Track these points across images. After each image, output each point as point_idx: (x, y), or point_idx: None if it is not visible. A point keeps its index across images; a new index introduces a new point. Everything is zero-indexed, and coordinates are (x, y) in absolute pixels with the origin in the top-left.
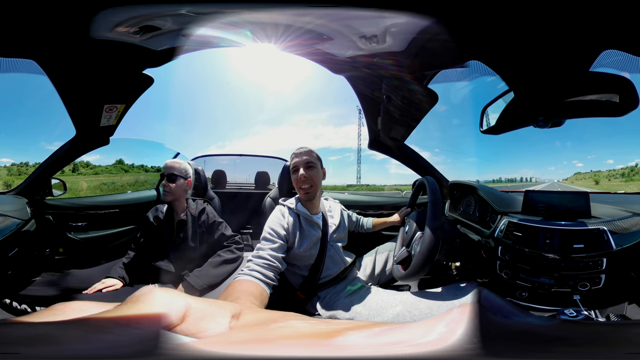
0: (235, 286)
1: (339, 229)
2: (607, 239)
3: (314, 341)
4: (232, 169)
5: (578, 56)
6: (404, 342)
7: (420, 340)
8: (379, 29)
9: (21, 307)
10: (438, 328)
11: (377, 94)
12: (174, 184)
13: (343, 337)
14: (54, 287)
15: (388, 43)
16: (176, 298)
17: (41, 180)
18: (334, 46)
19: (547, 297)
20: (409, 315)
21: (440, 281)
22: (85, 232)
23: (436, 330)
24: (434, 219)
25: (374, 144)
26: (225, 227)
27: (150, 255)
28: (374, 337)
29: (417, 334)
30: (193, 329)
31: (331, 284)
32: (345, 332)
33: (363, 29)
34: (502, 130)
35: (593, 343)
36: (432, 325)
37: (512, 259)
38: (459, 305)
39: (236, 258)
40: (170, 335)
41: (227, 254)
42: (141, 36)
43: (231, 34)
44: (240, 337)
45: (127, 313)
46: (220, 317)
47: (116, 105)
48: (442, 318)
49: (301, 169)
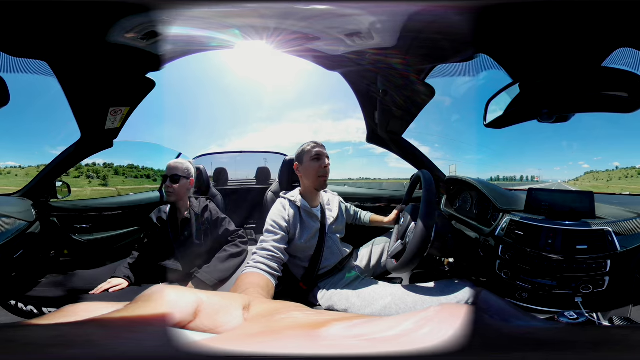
0: (243, 279)
1: (337, 221)
2: (611, 240)
3: (304, 332)
4: (233, 166)
5: (590, 52)
6: (370, 334)
7: (383, 335)
8: (362, 26)
9: (27, 308)
10: (405, 324)
11: (373, 88)
12: (177, 185)
13: (326, 329)
14: (60, 288)
15: (376, 39)
16: (186, 294)
17: (46, 182)
18: (324, 45)
19: (547, 299)
20: (396, 308)
21: (432, 276)
22: (90, 234)
23: (403, 326)
24: (427, 211)
25: (372, 138)
26: (228, 222)
27: (155, 255)
28: (350, 329)
29: (384, 328)
30: (209, 323)
31: (330, 275)
32: (331, 323)
33: (347, 27)
34: (506, 124)
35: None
36: (401, 321)
37: (512, 258)
38: (438, 304)
39: (242, 252)
40: (183, 333)
41: (232, 248)
42: (147, 41)
43: (221, 34)
44: (253, 329)
45: (139, 312)
46: (234, 309)
47: (121, 108)
48: (417, 314)
49: (326, 159)
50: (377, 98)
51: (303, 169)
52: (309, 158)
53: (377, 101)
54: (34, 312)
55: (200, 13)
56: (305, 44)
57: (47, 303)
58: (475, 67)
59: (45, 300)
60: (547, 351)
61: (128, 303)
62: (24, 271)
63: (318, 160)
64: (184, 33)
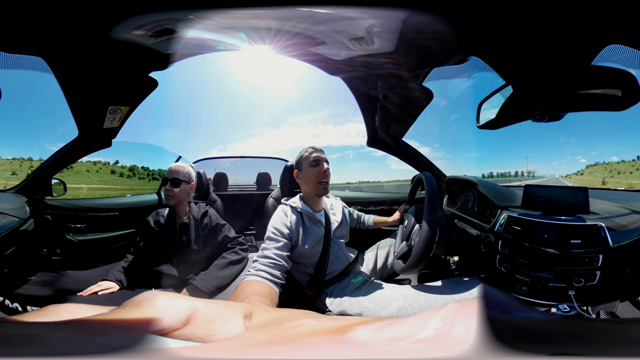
0: (243, 287)
1: (341, 225)
2: (604, 235)
3: (330, 338)
4: (233, 171)
5: (580, 50)
6: (404, 337)
7: (418, 336)
8: (363, 30)
9: (13, 305)
10: (432, 323)
11: (374, 92)
12: (177, 189)
13: (353, 333)
14: (49, 287)
15: (377, 44)
16: (178, 301)
17: (41, 179)
18: (327, 49)
19: (545, 292)
20: (410, 308)
21: (439, 275)
22: (84, 234)
23: (431, 326)
24: (431, 212)
25: (372, 142)
26: (228, 228)
27: (151, 260)
28: (377, 332)
29: (413, 329)
30: (200, 332)
31: (337, 280)
32: (354, 327)
33: (351, 31)
34: (499, 125)
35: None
36: (426, 320)
37: (511, 253)
38: (453, 301)
39: (241, 259)
40: (158, 339)
41: (232, 256)
42: (156, 39)
43: (227, 37)
44: (259, 337)
45: (123, 316)
46: (233, 318)
47: (120, 107)
48: (436, 313)
49: (325, 164)
50: (377, 102)
51: (302, 176)
52: (308, 164)
53: (377, 105)
54: (19, 310)
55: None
56: (310, 48)
57: (34, 301)
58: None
59: (32, 299)
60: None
61: (114, 307)
62: (15, 268)
63: (317, 165)
64: (194, 35)
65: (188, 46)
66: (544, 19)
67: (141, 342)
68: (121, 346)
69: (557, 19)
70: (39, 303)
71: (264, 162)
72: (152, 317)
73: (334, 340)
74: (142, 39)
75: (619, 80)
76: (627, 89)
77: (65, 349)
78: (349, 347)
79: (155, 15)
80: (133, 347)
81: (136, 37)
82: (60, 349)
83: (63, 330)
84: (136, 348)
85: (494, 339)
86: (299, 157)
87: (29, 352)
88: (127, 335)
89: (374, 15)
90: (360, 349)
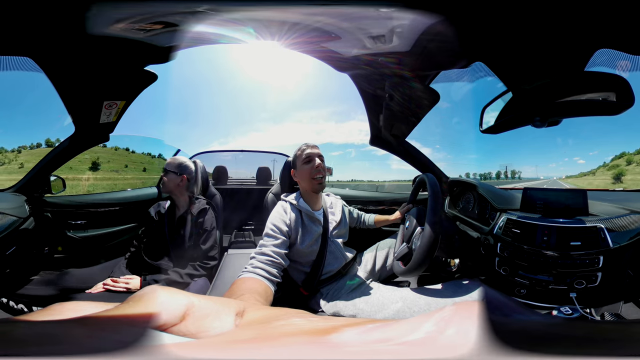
0: (239, 284)
1: (340, 225)
2: (604, 236)
3: (311, 338)
4: (233, 164)
5: (573, 56)
6: (391, 339)
7: (406, 338)
8: (386, 29)
9: (18, 306)
10: (426, 326)
11: (380, 91)
12: (166, 178)
13: (338, 334)
14: (52, 286)
15: (394, 43)
16: (177, 297)
17: (40, 177)
18: (340, 45)
19: (544, 294)
20: (409, 311)
21: (440, 278)
22: (85, 231)
23: (423, 329)
24: (434, 215)
25: (375, 140)
26: (208, 238)
27: (150, 252)
28: (365, 334)
29: (404, 331)
30: (193, 328)
31: (333, 280)
32: (341, 328)
33: (372, 29)
34: (501, 130)
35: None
36: (420, 323)
37: (510, 255)
38: (452, 304)
39: (195, 276)
40: (158, 335)
41: (189, 269)
42: (146, 32)
43: (234, 31)
44: (244, 335)
45: (126, 312)
46: (226, 315)
47: (115, 102)
48: (432, 316)
49: (317, 159)
50: (383, 101)
51: (298, 173)
52: (301, 162)
53: (382, 104)
54: (25, 311)
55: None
56: (322, 43)
57: (39, 301)
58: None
59: (37, 299)
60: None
61: (119, 303)
62: (17, 268)
63: (309, 162)
64: (199, 29)
65: (191, 40)
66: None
67: (147, 337)
68: (132, 342)
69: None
70: (44, 303)
71: (265, 156)
72: (154, 312)
73: (315, 341)
74: (129, 32)
75: (613, 85)
76: (620, 94)
77: (85, 346)
78: (328, 348)
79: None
80: (141, 342)
81: (120, 32)
82: (81, 347)
83: (74, 328)
84: (143, 344)
85: (496, 341)
86: (294, 156)
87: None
88: (134, 331)
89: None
90: (339, 350)
